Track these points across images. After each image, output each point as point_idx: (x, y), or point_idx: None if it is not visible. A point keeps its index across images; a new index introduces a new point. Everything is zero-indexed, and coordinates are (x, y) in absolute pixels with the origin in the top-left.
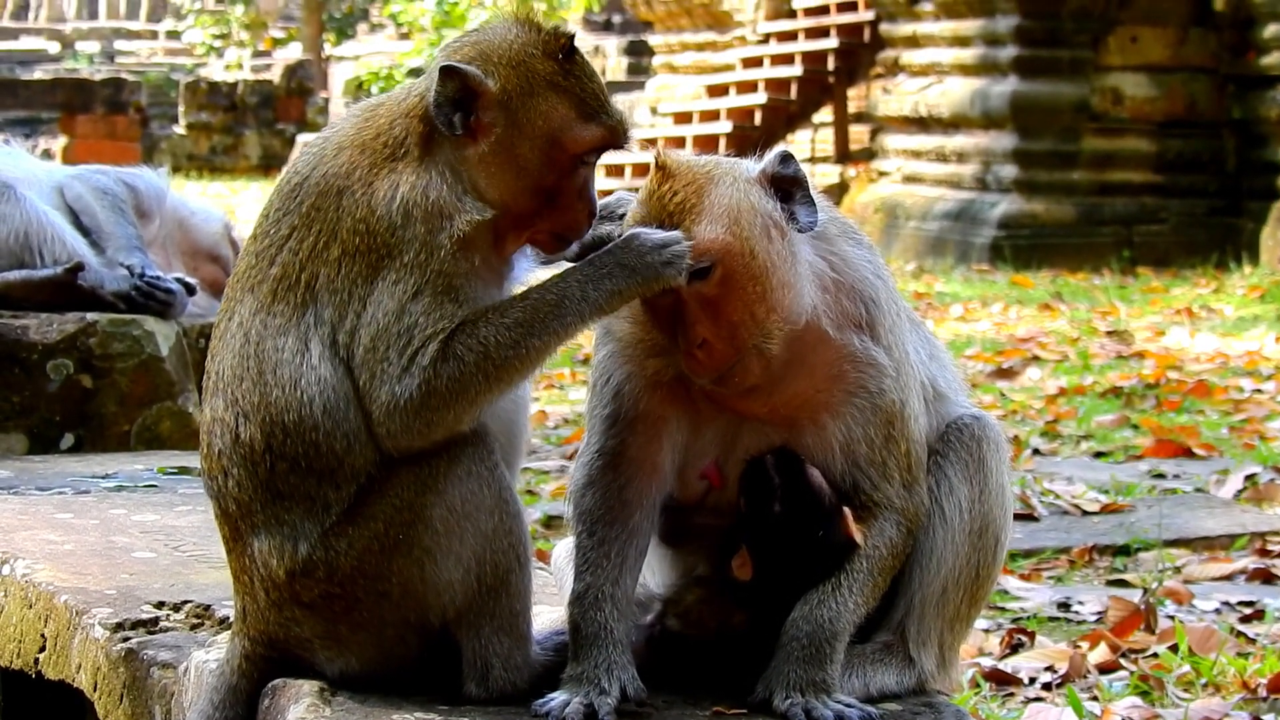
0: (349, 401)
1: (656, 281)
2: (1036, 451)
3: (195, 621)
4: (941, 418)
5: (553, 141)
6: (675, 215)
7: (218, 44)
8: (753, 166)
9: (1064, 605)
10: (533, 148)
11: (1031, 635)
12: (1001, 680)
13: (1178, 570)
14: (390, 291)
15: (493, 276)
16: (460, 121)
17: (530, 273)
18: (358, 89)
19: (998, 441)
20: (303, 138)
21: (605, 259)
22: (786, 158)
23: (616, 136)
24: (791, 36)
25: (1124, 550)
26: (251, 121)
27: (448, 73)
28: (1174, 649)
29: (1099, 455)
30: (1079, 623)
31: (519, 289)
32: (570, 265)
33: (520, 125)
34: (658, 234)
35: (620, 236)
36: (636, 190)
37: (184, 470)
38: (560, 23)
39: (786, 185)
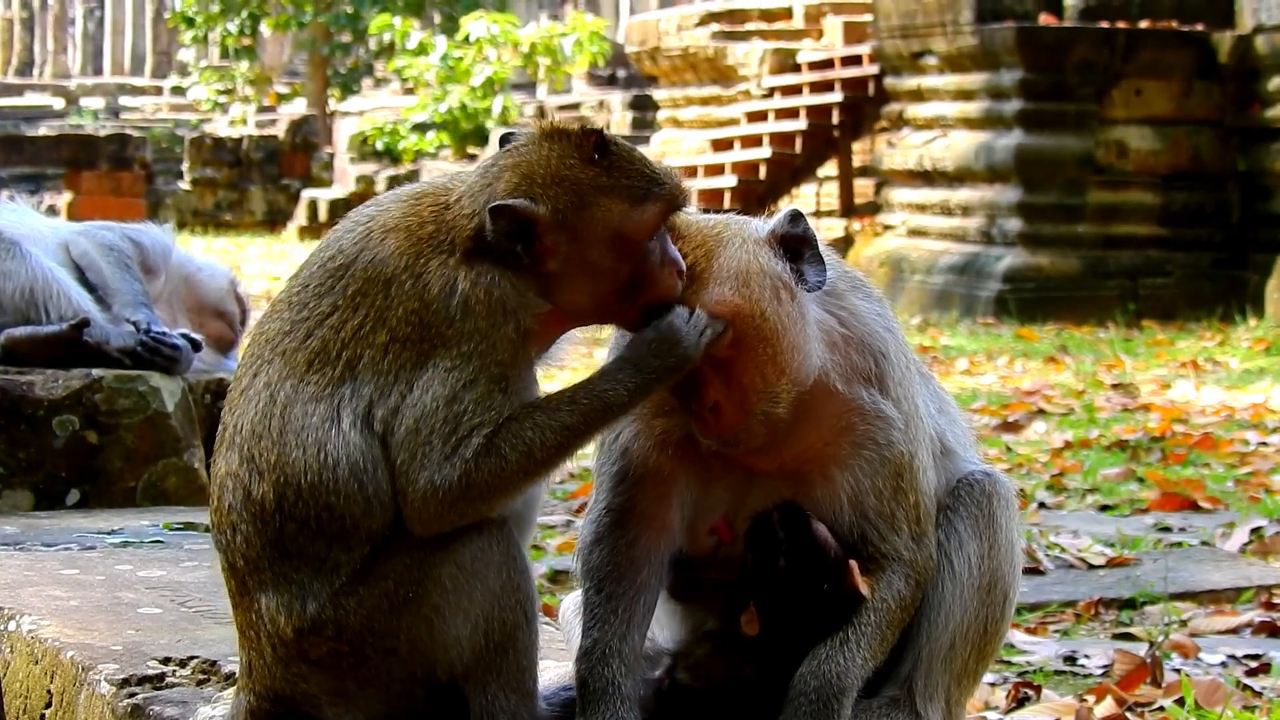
0: (376, 464)
1: (689, 365)
2: (1042, 505)
3: (201, 677)
4: (950, 474)
5: (619, 238)
6: (684, 278)
7: (222, 100)
8: (762, 226)
9: (1070, 659)
10: (603, 252)
11: (1038, 689)
12: None
13: (1184, 624)
14: (443, 378)
15: (539, 358)
16: (525, 250)
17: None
18: (362, 144)
19: (1008, 498)
20: (308, 193)
21: (644, 353)
22: (796, 217)
23: (676, 201)
24: (796, 90)
25: (1130, 604)
26: (256, 177)
27: (498, 212)
28: (1180, 702)
29: (1105, 508)
30: (1085, 676)
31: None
32: (610, 362)
33: (583, 237)
34: (689, 320)
35: (656, 326)
36: None
37: (190, 526)
38: (586, 121)
39: (796, 244)
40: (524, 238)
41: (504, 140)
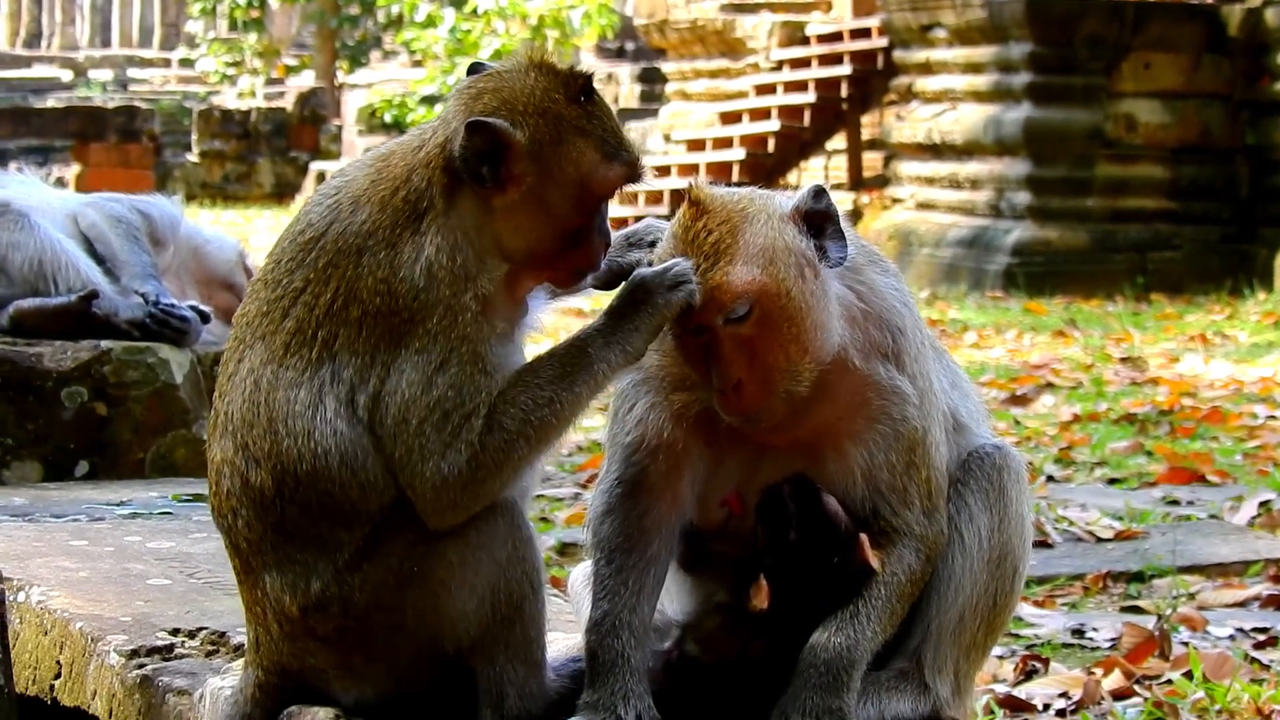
0: (366, 453)
1: (671, 308)
2: (1050, 478)
3: (210, 648)
4: (962, 448)
5: (582, 186)
6: (710, 255)
7: (231, 72)
8: (785, 202)
9: (1078, 632)
10: (564, 194)
11: (1046, 662)
12: (1016, 707)
13: (1192, 597)
14: (414, 361)
15: (510, 328)
16: (490, 174)
17: (543, 309)
18: (371, 116)
19: (1018, 471)
20: (316, 165)
21: (617, 304)
22: (819, 193)
23: (636, 172)
24: (805, 63)
25: (1138, 577)
26: (264, 149)
27: (475, 128)
28: (1188, 675)
29: (1113, 482)
30: (1093, 649)
31: (533, 332)
32: (590, 323)
33: (552, 173)
34: (656, 268)
35: (632, 278)
36: (664, 217)
37: (198, 497)
38: (574, 62)
39: (818, 220)
40: (493, 160)
41: (473, 70)
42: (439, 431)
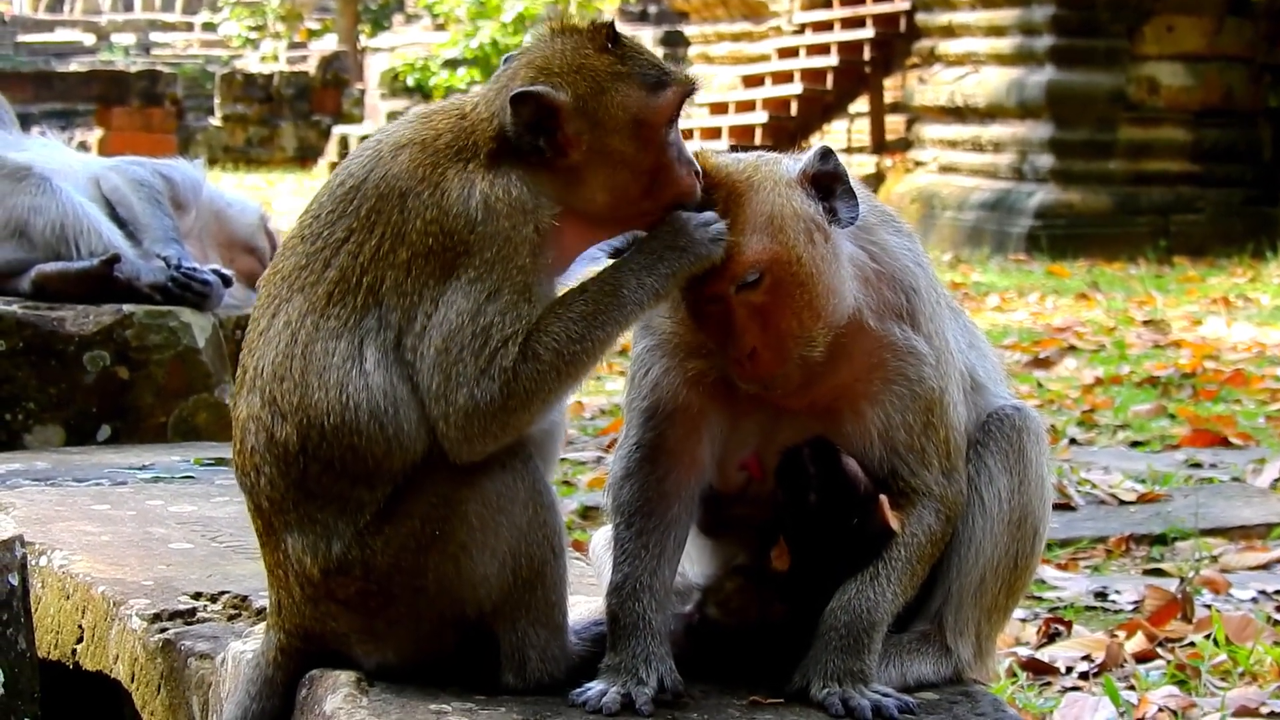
0: (397, 407)
1: (705, 260)
2: (1073, 441)
3: (232, 612)
4: (980, 408)
5: (639, 123)
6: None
7: (253, 36)
8: (792, 166)
9: (1101, 594)
10: (624, 138)
11: (1068, 624)
12: (1038, 669)
13: (1214, 559)
14: (465, 290)
15: (557, 274)
16: (546, 143)
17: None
18: (393, 80)
19: (1038, 432)
20: (339, 129)
21: (654, 244)
22: (826, 154)
23: (688, 89)
24: (827, 26)
25: (1161, 539)
26: (287, 113)
27: (520, 99)
28: (1211, 638)
29: (1136, 445)
30: (1116, 612)
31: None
32: (621, 257)
33: (604, 124)
34: (700, 217)
35: (666, 219)
36: None
37: (220, 461)
38: (594, 15)
39: (827, 181)
40: (546, 129)
41: (507, 62)
42: (476, 358)
